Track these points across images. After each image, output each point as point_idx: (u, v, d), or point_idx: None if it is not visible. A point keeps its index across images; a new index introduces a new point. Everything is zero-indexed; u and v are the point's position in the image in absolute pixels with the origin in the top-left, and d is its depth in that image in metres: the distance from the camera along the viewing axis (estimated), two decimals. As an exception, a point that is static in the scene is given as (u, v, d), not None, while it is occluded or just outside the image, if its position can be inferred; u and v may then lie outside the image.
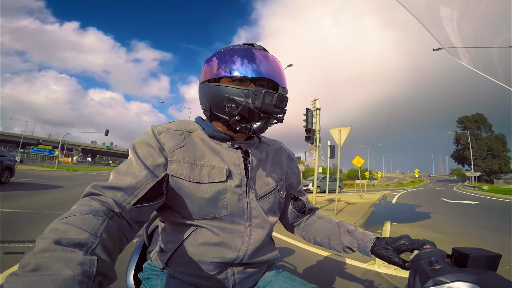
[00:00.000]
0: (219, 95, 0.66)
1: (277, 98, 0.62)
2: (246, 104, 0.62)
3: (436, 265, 0.47)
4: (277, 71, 0.68)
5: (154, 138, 0.65)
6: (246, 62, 0.65)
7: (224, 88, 0.65)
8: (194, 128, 0.72)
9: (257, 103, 0.62)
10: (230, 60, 0.66)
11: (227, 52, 0.68)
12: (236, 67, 0.65)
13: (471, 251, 0.46)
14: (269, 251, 0.76)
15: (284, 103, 0.65)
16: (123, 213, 0.54)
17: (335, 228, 0.80)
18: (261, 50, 0.69)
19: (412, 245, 0.62)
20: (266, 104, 0.62)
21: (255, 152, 0.74)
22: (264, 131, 0.67)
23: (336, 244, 0.78)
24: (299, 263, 2.75)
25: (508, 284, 0.41)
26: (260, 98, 0.61)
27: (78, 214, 0.46)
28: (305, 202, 0.87)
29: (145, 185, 0.58)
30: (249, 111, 0.63)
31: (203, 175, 0.65)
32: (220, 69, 0.66)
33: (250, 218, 0.69)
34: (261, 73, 0.65)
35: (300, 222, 0.88)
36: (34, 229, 3.47)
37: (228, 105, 0.64)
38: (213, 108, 0.69)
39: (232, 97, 0.64)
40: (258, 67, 0.65)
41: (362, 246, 0.71)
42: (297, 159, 5.56)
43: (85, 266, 0.37)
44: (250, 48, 0.68)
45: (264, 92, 0.62)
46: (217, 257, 0.66)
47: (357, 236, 0.74)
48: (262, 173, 0.74)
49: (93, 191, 0.55)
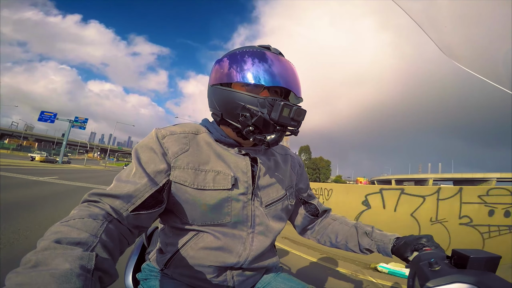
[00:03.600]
0: (232, 101, 0.62)
1: (295, 112, 0.59)
2: (261, 114, 0.60)
3: (435, 267, 0.47)
4: (294, 79, 0.65)
5: (157, 143, 0.63)
6: (262, 68, 0.62)
7: (238, 95, 0.61)
8: (200, 130, 0.69)
9: (274, 115, 0.58)
10: (245, 65, 0.62)
11: (241, 55, 0.64)
12: (252, 72, 0.61)
13: (471, 253, 0.46)
14: (269, 257, 0.75)
15: (302, 116, 0.61)
16: (121, 219, 0.54)
17: (352, 230, 0.79)
18: (277, 55, 0.65)
19: (430, 245, 0.61)
20: (284, 117, 0.59)
21: (264, 159, 0.72)
22: (278, 144, 0.64)
23: (354, 246, 0.77)
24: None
25: (507, 285, 0.41)
26: (277, 110, 0.58)
27: (78, 218, 0.46)
28: (316, 205, 0.85)
29: (143, 193, 0.57)
30: (264, 122, 0.61)
31: (207, 181, 0.63)
32: (233, 74, 0.63)
33: (253, 225, 0.68)
34: (278, 82, 0.62)
35: (314, 225, 0.86)
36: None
37: (242, 114, 0.61)
38: (224, 114, 0.66)
39: (247, 106, 0.61)
40: (275, 74, 0.62)
41: (382, 247, 0.70)
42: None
43: (83, 260, 0.37)
44: (265, 52, 0.64)
45: (283, 105, 0.58)
46: (217, 261, 0.65)
47: (375, 237, 0.73)
48: (270, 181, 0.72)
49: (91, 199, 0.54)
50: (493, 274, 0.44)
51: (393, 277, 2.65)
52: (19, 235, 2.74)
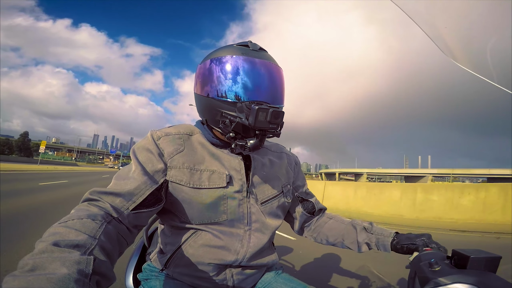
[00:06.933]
0: (212, 108, 0.64)
1: (271, 114, 0.58)
2: (239, 120, 0.60)
3: (436, 267, 0.47)
4: (274, 86, 0.64)
5: (153, 144, 0.64)
6: (238, 82, 0.61)
7: (216, 102, 0.62)
8: (194, 131, 0.71)
9: (251, 120, 0.58)
10: (220, 78, 0.62)
11: (217, 64, 0.62)
12: (228, 88, 0.61)
13: (471, 253, 0.46)
14: (268, 255, 0.75)
15: (280, 118, 0.60)
16: (121, 219, 0.54)
17: (349, 227, 0.79)
18: (256, 56, 0.63)
19: (430, 244, 0.61)
20: (260, 122, 0.58)
21: (257, 158, 0.73)
22: (260, 148, 0.63)
23: (350, 243, 0.76)
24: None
25: (507, 285, 0.41)
26: (253, 115, 0.57)
27: (76, 218, 0.46)
28: (314, 203, 0.86)
29: (143, 191, 0.58)
30: (244, 128, 0.61)
31: (203, 180, 0.64)
32: (210, 87, 0.63)
33: (249, 223, 0.68)
34: (256, 97, 0.61)
35: (310, 224, 0.86)
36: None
37: (222, 120, 0.62)
38: (208, 120, 0.68)
39: (224, 113, 0.61)
40: (252, 87, 0.61)
41: (381, 241, 0.70)
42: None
43: (81, 265, 0.37)
44: (243, 58, 0.62)
45: (257, 109, 0.57)
46: (216, 259, 0.65)
47: (375, 231, 0.73)
48: (265, 179, 0.73)
49: (91, 197, 0.54)
50: (494, 274, 0.44)
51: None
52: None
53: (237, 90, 0.61)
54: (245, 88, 0.61)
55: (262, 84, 0.63)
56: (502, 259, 0.46)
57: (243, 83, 0.61)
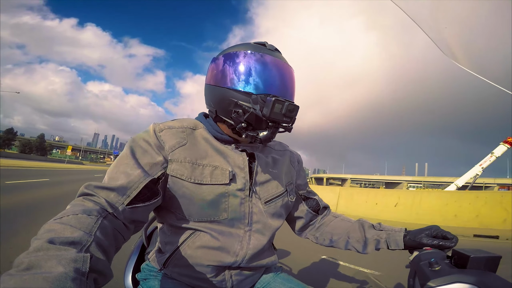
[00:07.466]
0: (225, 98, 0.63)
1: (287, 107, 0.59)
2: (253, 111, 0.60)
3: (436, 266, 0.47)
4: (286, 84, 0.65)
5: (154, 136, 0.63)
6: (255, 75, 0.62)
7: (231, 92, 0.62)
8: (197, 126, 0.70)
9: (266, 111, 0.58)
10: (237, 71, 0.63)
11: (235, 58, 0.64)
12: (243, 81, 0.62)
13: (471, 252, 0.46)
14: (268, 256, 0.74)
15: (294, 112, 0.61)
16: (117, 214, 0.53)
17: (355, 225, 0.77)
18: (272, 55, 0.65)
19: (441, 233, 0.62)
20: (275, 113, 0.58)
21: (261, 156, 0.72)
22: (271, 141, 0.64)
23: (356, 241, 0.74)
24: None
25: (507, 285, 0.41)
26: (269, 106, 0.58)
27: (71, 214, 0.46)
28: (318, 200, 0.85)
29: (137, 184, 0.56)
30: (257, 119, 0.61)
31: (205, 175, 0.63)
32: (226, 79, 0.64)
33: (250, 223, 0.67)
34: (270, 90, 0.62)
35: (314, 222, 0.85)
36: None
37: (235, 110, 0.62)
38: (218, 111, 0.66)
39: (239, 103, 0.61)
40: (267, 81, 0.62)
41: (393, 236, 0.68)
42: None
43: (77, 263, 0.36)
44: (260, 54, 0.64)
45: (274, 100, 0.58)
46: (215, 260, 0.65)
47: (385, 228, 0.72)
48: (269, 177, 0.72)
49: (87, 191, 0.53)
50: (494, 274, 0.44)
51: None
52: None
53: (254, 83, 0.62)
54: (263, 81, 0.62)
55: (279, 80, 0.64)
56: (502, 258, 0.46)
57: (260, 76, 0.62)
